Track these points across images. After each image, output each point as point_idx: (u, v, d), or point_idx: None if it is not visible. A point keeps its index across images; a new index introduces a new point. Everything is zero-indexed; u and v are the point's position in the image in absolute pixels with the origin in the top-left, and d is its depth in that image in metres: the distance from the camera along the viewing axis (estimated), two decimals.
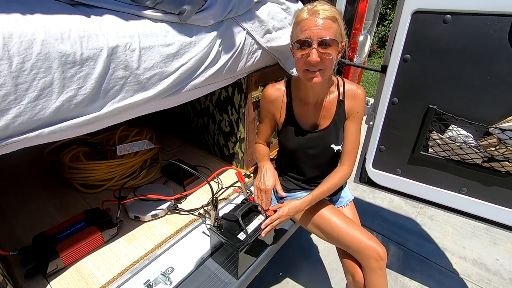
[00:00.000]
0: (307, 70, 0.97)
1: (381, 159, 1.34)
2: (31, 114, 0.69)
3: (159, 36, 0.91)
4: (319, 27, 0.91)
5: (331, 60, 0.95)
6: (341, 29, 0.95)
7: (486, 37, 0.99)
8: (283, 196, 1.21)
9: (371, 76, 5.50)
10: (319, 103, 1.13)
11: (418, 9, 1.06)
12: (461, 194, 1.22)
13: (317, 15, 0.91)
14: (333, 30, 0.92)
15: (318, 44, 0.92)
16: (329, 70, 0.98)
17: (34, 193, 1.38)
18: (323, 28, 0.91)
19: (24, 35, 0.65)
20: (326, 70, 0.97)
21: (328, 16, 0.91)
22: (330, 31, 0.92)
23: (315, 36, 0.91)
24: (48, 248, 0.98)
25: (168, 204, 1.26)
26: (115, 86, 0.83)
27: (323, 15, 0.91)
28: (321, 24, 0.91)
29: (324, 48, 0.92)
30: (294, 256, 1.92)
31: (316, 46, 0.92)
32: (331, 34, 0.92)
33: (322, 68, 0.96)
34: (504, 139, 1.04)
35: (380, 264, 1.06)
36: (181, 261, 1.08)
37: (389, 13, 7.00)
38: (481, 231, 2.17)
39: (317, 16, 0.91)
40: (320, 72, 0.96)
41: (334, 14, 0.93)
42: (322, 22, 0.91)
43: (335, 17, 0.93)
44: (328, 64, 0.96)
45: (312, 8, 0.93)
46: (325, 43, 0.92)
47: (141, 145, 1.53)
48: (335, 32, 0.93)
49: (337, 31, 0.94)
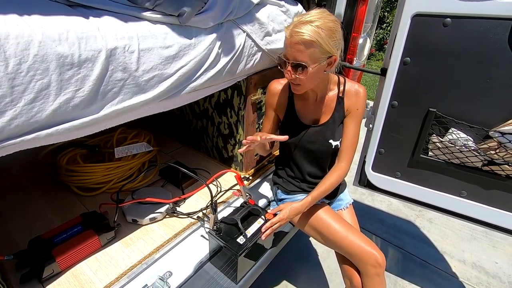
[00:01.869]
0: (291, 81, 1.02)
1: (381, 162, 1.34)
2: (28, 117, 0.67)
3: (158, 38, 0.90)
4: (293, 50, 0.93)
5: (306, 80, 0.97)
6: (322, 48, 0.91)
7: (486, 40, 0.99)
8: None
9: (370, 78, 5.52)
10: (318, 99, 1.14)
11: (418, 12, 1.06)
12: (461, 198, 1.21)
13: (294, 36, 0.91)
14: (307, 54, 0.91)
15: (291, 65, 0.95)
16: (309, 85, 1.02)
17: (30, 196, 1.36)
18: (297, 51, 0.92)
19: (21, 36, 0.63)
20: (305, 86, 1.01)
21: (303, 41, 0.89)
22: (303, 55, 0.92)
23: (291, 57, 0.95)
24: (44, 253, 0.97)
25: (166, 208, 1.24)
26: (113, 88, 0.82)
27: (298, 39, 0.90)
28: (295, 47, 0.92)
29: (296, 70, 0.95)
30: (293, 259, 1.91)
31: (290, 68, 0.96)
32: (305, 58, 0.92)
33: (300, 84, 1.00)
34: (504, 143, 1.04)
35: (378, 270, 1.05)
36: (179, 265, 1.06)
37: (387, 16, 7.04)
38: (480, 234, 2.17)
39: (293, 39, 0.91)
40: (299, 86, 1.01)
41: (313, 38, 0.88)
42: (296, 46, 0.91)
43: (312, 41, 0.89)
44: (304, 82, 0.98)
45: (294, 26, 0.91)
46: (297, 66, 0.94)
47: (139, 147, 1.52)
48: (311, 56, 0.92)
49: (314, 54, 0.92)
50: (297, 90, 1.04)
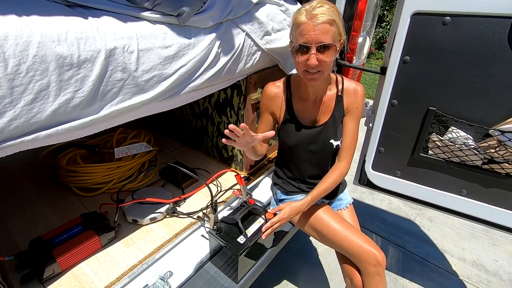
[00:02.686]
0: (306, 71, 0.99)
1: (381, 161, 1.34)
2: (27, 118, 0.67)
3: (158, 38, 0.90)
4: (318, 32, 0.91)
5: (329, 62, 0.97)
6: (339, 28, 0.95)
7: (485, 39, 0.99)
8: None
9: (369, 77, 5.51)
10: (318, 99, 1.14)
11: (418, 11, 1.06)
12: (461, 196, 1.21)
13: (315, 19, 0.90)
14: (331, 34, 0.92)
15: (316, 49, 0.93)
16: (327, 70, 1.01)
17: (30, 196, 1.36)
18: (321, 33, 0.91)
19: (20, 37, 0.63)
20: (325, 71, 1.00)
21: (327, 20, 0.90)
22: (328, 35, 0.92)
23: (314, 41, 0.92)
24: (44, 253, 0.97)
25: (166, 208, 1.25)
26: (113, 88, 0.82)
27: (322, 20, 0.90)
28: (319, 29, 0.91)
29: (322, 53, 0.94)
30: (293, 258, 1.91)
31: (314, 51, 0.93)
32: (329, 38, 0.92)
33: (321, 70, 0.98)
34: (504, 141, 1.04)
35: (378, 269, 1.05)
36: (180, 265, 1.06)
37: (387, 15, 7.04)
38: (480, 233, 2.17)
39: (316, 20, 0.90)
40: (319, 73, 0.99)
41: (333, 17, 0.91)
42: (320, 26, 0.90)
43: (333, 20, 0.92)
44: (326, 66, 0.98)
45: (311, 11, 0.91)
46: (323, 48, 0.93)
47: (139, 147, 1.52)
48: (333, 35, 0.93)
49: (335, 33, 0.94)
50: (317, 79, 1.00)
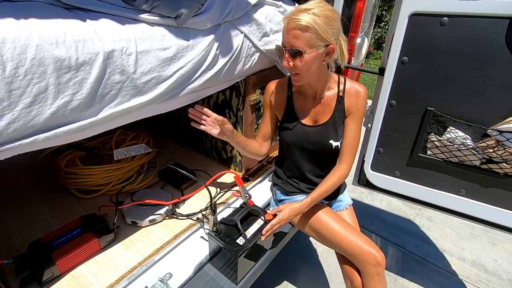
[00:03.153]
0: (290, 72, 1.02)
1: (380, 161, 1.34)
2: (25, 120, 0.67)
3: (156, 40, 0.90)
4: (290, 36, 0.93)
5: (304, 66, 0.96)
6: (319, 34, 0.92)
7: (483, 39, 0.99)
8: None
9: (368, 77, 5.52)
10: (318, 97, 1.13)
11: (415, 12, 1.06)
12: (460, 196, 1.22)
13: (291, 23, 0.92)
14: (303, 40, 0.92)
15: (288, 53, 0.95)
16: (306, 74, 1.00)
17: (29, 199, 1.36)
18: (293, 37, 0.92)
19: (18, 40, 0.63)
20: (303, 75, 1.00)
21: (298, 26, 0.90)
22: (300, 41, 0.92)
23: (287, 44, 0.95)
24: (43, 256, 0.97)
25: (166, 209, 1.24)
26: (111, 90, 0.82)
27: (294, 25, 0.91)
28: (291, 33, 0.92)
29: (294, 57, 0.95)
30: (293, 259, 1.91)
31: (287, 55, 0.96)
32: (301, 44, 0.92)
33: (298, 73, 1.00)
34: (502, 141, 1.04)
35: (378, 270, 1.05)
36: (179, 267, 1.06)
37: (385, 15, 7.05)
38: (479, 232, 2.17)
39: (290, 25, 0.92)
40: (298, 76, 1.00)
41: (309, 23, 0.89)
42: (292, 31, 0.92)
43: (307, 26, 0.90)
44: (301, 70, 0.98)
45: (291, 14, 0.93)
46: (293, 52, 0.94)
47: (138, 149, 1.52)
48: (307, 41, 0.92)
49: (310, 40, 0.92)
50: (296, 81, 1.03)
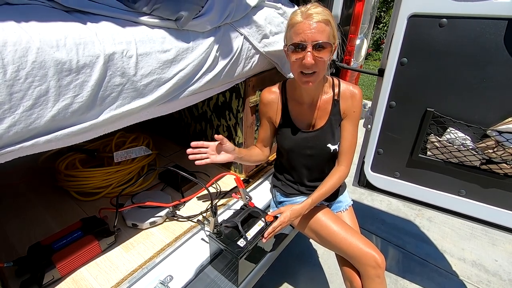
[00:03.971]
0: (301, 73, 1.00)
1: (380, 162, 1.34)
2: (26, 123, 0.67)
3: (156, 42, 0.90)
4: (313, 30, 0.92)
5: (324, 63, 0.97)
6: (333, 31, 0.97)
7: (481, 40, 0.99)
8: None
9: (367, 78, 5.53)
10: (314, 103, 1.14)
11: (414, 13, 1.07)
12: (460, 197, 1.22)
13: (311, 18, 0.92)
14: (326, 33, 0.94)
15: (312, 47, 0.94)
16: (322, 72, 1.01)
17: (29, 201, 1.35)
18: (317, 32, 0.92)
19: (19, 43, 0.64)
20: (320, 73, 1.00)
21: (322, 20, 0.92)
22: (324, 34, 0.93)
23: (310, 39, 0.93)
24: (44, 259, 0.96)
25: (166, 211, 1.24)
26: (112, 93, 0.82)
27: (317, 19, 0.92)
28: (315, 28, 0.92)
29: (318, 51, 0.94)
30: (294, 261, 1.91)
31: (310, 49, 0.94)
32: (325, 37, 0.93)
33: (316, 71, 0.98)
34: (502, 141, 1.04)
35: (378, 272, 1.05)
36: (180, 269, 1.06)
37: (384, 16, 7.07)
38: (479, 232, 2.18)
39: (311, 19, 0.92)
40: (314, 74, 0.99)
41: (328, 17, 0.94)
42: (316, 25, 0.92)
43: (328, 20, 0.94)
44: (321, 67, 0.98)
45: (306, 11, 0.94)
46: (319, 46, 0.94)
47: (138, 151, 1.52)
48: (329, 35, 0.95)
49: (330, 34, 0.95)
50: (312, 80, 0.99)
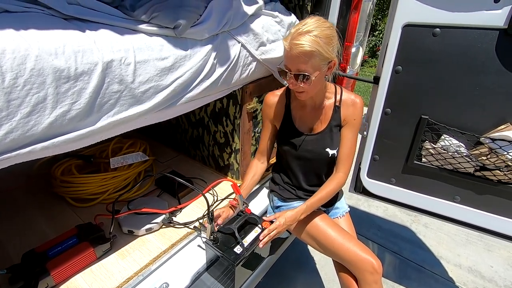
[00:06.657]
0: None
1: (376, 168, 1.35)
2: (24, 130, 0.67)
3: (154, 50, 0.91)
4: (295, 61, 0.95)
5: (310, 86, 0.99)
6: (324, 54, 0.94)
7: (474, 49, 1.02)
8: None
9: (363, 85, 5.58)
10: (316, 107, 1.16)
11: (409, 23, 1.09)
12: (455, 203, 1.23)
13: (294, 49, 0.93)
14: (309, 64, 0.94)
15: (294, 76, 0.97)
16: (312, 91, 1.04)
17: (24, 207, 1.34)
18: (298, 63, 0.95)
19: (18, 50, 0.64)
20: (309, 91, 1.03)
21: (304, 52, 0.92)
22: (306, 65, 0.95)
23: (293, 68, 0.97)
24: (38, 266, 0.95)
25: (162, 218, 1.24)
26: (109, 100, 0.82)
27: (299, 50, 0.92)
28: (297, 59, 0.94)
29: (300, 80, 0.97)
30: (290, 267, 1.90)
31: (293, 78, 0.98)
32: (307, 68, 0.95)
33: (303, 91, 1.02)
34: (495, 148, 1.06)
35: (375, 277, 1.05)
36: (176, 276, 1.05)
37: (379, 24, 7.18)
38: (475, 238, 2.19)
39: (294, 51, 0.93)
40: (303, 93, 1.03)
41: (313, 47, 0.91)
42: (298, 57, 0.94)
43: (311, 51, 0.92)
44: (307, 88, 1.00)
45: (293, 38, 0.93)
46: (300, 75, 0.96)
47: (135, 157, 1.52)
48: (313, 64, 0.95)
49: (315, 62, 0.94)
50: (301, 96, 1.06)
